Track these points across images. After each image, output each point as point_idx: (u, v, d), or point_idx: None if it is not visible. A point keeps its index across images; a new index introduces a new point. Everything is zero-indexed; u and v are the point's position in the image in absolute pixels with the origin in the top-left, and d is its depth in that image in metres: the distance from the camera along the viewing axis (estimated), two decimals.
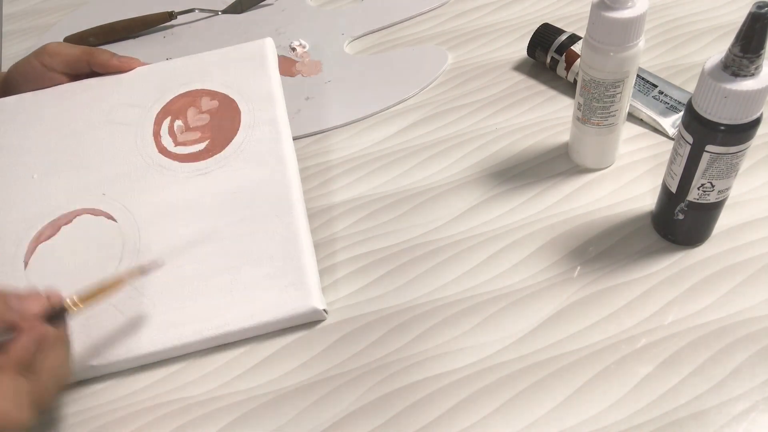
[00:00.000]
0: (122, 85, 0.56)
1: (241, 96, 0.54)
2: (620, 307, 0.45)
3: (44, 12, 0.79)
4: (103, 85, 0.56)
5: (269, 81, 0.54)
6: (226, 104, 0.54)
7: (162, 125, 0.53)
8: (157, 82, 0.55)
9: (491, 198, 0.52)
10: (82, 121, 0.54)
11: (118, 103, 0.55)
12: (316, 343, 0.45)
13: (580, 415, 0.40)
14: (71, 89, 0.56)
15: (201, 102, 0.54)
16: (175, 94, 0.55)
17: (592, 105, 0.48)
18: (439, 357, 0.43)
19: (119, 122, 0.54)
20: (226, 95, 0.54)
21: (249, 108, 0.53)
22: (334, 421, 0.41)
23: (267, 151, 0.50)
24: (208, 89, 0.55)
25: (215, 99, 0.54)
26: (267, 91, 0.54)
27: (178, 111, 0.54)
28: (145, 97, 0.55)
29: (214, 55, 0.57)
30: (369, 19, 0.70)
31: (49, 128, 0.54)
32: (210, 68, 0.56)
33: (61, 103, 0.55)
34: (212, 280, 0.45)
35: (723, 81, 0.37)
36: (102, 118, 0.54)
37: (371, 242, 0.50)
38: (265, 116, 0.52)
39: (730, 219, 0.48)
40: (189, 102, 0.54)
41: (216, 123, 0.53)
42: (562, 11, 0.68)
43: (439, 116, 0.59)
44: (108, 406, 0.44)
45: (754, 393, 0.40)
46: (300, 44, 0.67)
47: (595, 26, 0.44)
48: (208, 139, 0.52)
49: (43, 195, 0.51)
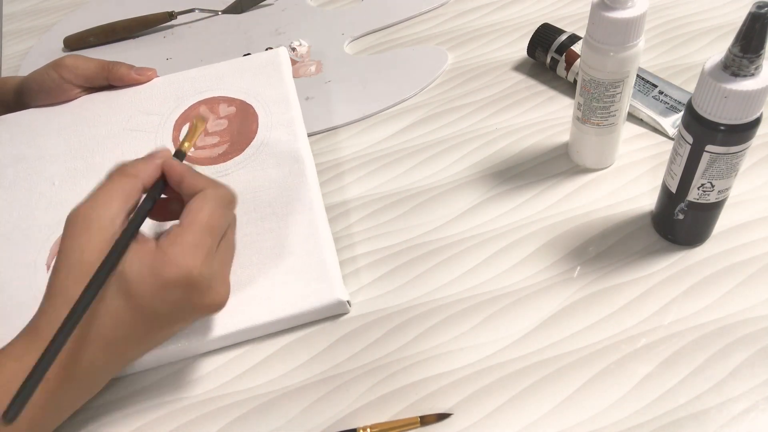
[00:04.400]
0: (139, 95, 0.56)
1: (258, 101, 0.54)
2: (620, 307, 0.45)
3: (44, 12, 0.79)
4: (120, 95, 0.57)
5: (284, 86, 0.55)
6: (243, 109, 0.54)
7: (181, 131, 0.54)
8: (173, 91, 0.56)
9: (491, 198, 0.52)
10: (102, 130, 0.55)
11: (136, 112, 0.55)
12: (316, 343, 0.45)
13: (580, 415, 0.40)
14: (90, 100, 0.57)
15: (219, 108, 0.54)
16: (193, 101, 0.55)
17: (592, 105, 0.48)
18: (439, 357, 0.43)
19: (138, 129, 0.54)
20: (243, 101, 0.55)
21: (266, 112, 0.54)
22: (334, 421, 0.41)
23: (285, 151, 0.51)
24: (225, 96, 0.55)
25: (232, 105, 0.55)
26: (283, 95, 0.55)
27: (194, 116, 0.54)
28: (162, 106, 0.55)
29: (229, 65, 0.57)
30: (369, 19, 0.70)
31: (69, 137, 0.55)
32: (225, 77, 0.57)
33: (81, 113, 0.56)
34: (236, 276, 0.45)
35: (723, 81, 0.37)
36: (121, 127, 0.55)
37: (371, 242, 0.50)
38: (282, 118, 0.53)
39: (730, 219, 0.48)
40: (208, 107, 0.55)
41: (234, 127, 0.53)
42: (562, 11, 0.68)
43: (439, 116, 0.59)
44: (108, 406, 0.44)
45: (754, 393, 0.40)
46: (300, 44, 0.67)
47: (595, 26, 0.44)
48: (228, 142, 0.53)
49: (64, 201, 0.51)
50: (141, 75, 0.57)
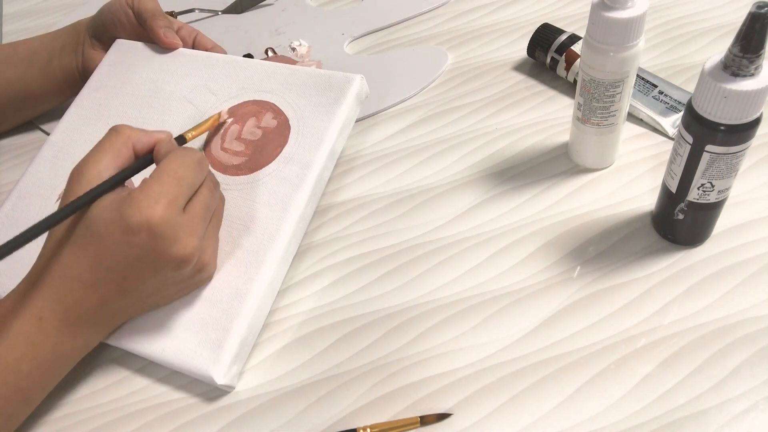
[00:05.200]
0: (215, 68, 0.55)
1: (299, 125, 0.50)
2: (620, 307, 0.45)
3: (44, 12, 0.79)
4: (201, 60, 0.56)
5: (330, 121, 0.50)
6: (281, 128, 0.51)
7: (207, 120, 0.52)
8: (243, 78, 0.54)
9: (491, 198, 0.52)
10: (169, 88, 0.55)
11: (203, 83, 0.54)
12: (316, 343, 0.45)
13: (580, 415, 0.40)
14: (181, 53, 0.57)
15: (264, 116, 0.51)
16: (251, 98, 0.53)
17: (592, 105, 0.48)
18: (439, 357, 0.43)
19: (194, 102, 0.54)
20: (287, 119, 0.51)
21: (296, 141, 0.50)
22: (334, 421, 0.41)
23: (281, 193, 0.47)
24: (277, 106, 0.52)
25: (277, 119, 0.51)
26: (321, 132, 0.49)
27: (241, 116, 0.52)
28: (226, 88, 0.54)
29: (303, 73, 0.53)
30: (369, 19, 0.70)
31: (144, 81, 0.56)
32: (293, 84, 0.53)
33: (165, 62, 0.57)
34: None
35: (723, 81, 0.37)
36: (184, 93, 0.54)
37: (371, 242, 0.50)
38: (304, 157, 0.48)
39: (730, 219, 0.48)
40: (255, 111, 0.52)
41: (262, 144, 0.50)
42: (562, 11, 0.68)
43: (439, 116, 0.59)
44: (108, 406, 0.44)
45: (754, 393, 0.40)
46: (300, 44, 0.67)
47: (595, 26, 0.44)
48: (247, 156, 0.50)
49: None
50: (166, 38, 0.56)
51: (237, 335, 0.42)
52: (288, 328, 0.46)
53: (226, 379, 0.42)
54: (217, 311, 0.43)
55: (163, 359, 0.43)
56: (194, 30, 0.59)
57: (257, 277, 0.44)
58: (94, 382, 0.45)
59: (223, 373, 0.41)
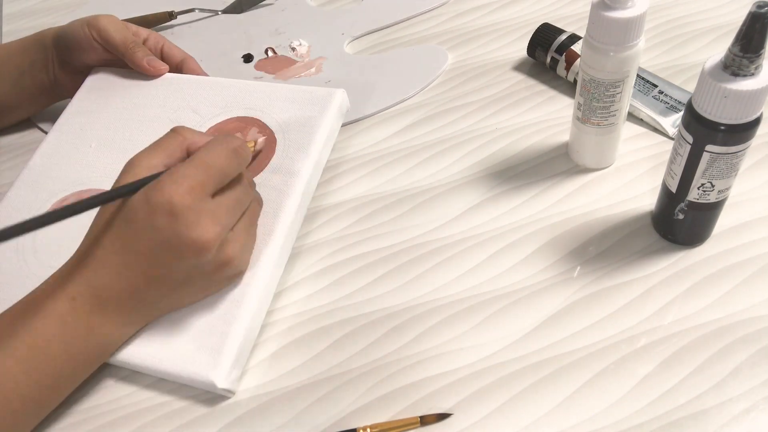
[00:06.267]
0: (197, 89, 0.56)
1: (284, 137, 0.51)
2: (620, 307, 0.45)
3: (44, 12, 0.79)
4: (183, 83, 0.57)
5: (315, 133, 0.51)
6: (268, 141, 0.51)
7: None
8: (226, 97, 0.55)
9: (491, 198, 0.52)
10: (152, 110, 0.55)
11: (186, 105, 0.55)
12: (315, 344, 0.45)
13: (580, 415, 0.40)
14: (163, 77, 0.57)
15: (249, 131, 0.53)
16: (234, 114, 0.54)
17: (592, 105, 0.48)
18: (439, 357, 0.43)
19: (178, 123, 0.54)
20: (273, 132, 0.52)
21: (283, 153, 0.50)
22: (334, 421, 0.41)
23: (270, 201, 0.48)
24: (262, 121, 0.53)
25: (262, 133, 0.52)
26: (307, 143, 0.50)
27: (226, 132, 0.53)
28: (209, 108, 0.55)
29: (286, 89, 0.54)
30: (369, 19, 0.70)
31: (125, 106, 0.56)
32: (276, 100, 0.54)
33: (146, 86, 0.57)
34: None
35: (723, 81, 0.37)
36: (167, 114, 0.55)
37: (371, 242, 0.50)
38: (291, 167, 0.49)
39: (730, 219, 0.48)
40: (239, 127, 0.53)
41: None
42: (562, 11, 0.68)
43: (439, 116, 0.59)
44: (108, 406, 0.44)
45: (754, 393, 0.40)
46: (300, 44, 0.67)
47: (595, 26, 0.44)
48: None
49: (89, 165, 0.53)
50: (151, 67, 0.56)
51: (235, 339, 0.42)
52: (287, 329, 0.46)
53: (227, 383, 0.42)
54: (213, 318, 0.43)
55: (161, 369, 0.43)
56: (161, 38, 0.59)
57: (252, 281, 0.44)
58: (93, 382, 0.45)
59: (223, 377, 0.41)
